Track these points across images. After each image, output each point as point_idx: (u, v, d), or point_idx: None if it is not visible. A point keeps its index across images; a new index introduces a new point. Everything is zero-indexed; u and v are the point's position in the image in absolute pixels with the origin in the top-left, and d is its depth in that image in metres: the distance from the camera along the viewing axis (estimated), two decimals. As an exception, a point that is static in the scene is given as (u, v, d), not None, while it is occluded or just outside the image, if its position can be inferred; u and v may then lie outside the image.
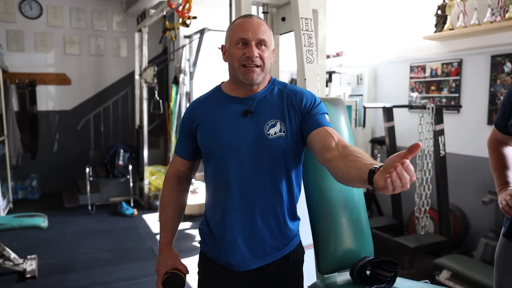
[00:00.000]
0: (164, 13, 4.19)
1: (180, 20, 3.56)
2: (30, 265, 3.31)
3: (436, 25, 3.57)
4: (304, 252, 1.54)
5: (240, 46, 1.28)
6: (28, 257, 3.45)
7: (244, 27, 1.29)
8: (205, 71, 5.40)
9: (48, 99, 5.94)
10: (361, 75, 4.67)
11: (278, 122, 1.31)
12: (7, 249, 3.24)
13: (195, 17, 3.55)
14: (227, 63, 1.36)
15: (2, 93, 5.07)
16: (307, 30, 1.87)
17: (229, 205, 1.33)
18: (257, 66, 1.28)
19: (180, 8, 3.54)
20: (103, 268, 3.38)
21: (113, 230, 4.37)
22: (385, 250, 3.10)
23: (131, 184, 5.21)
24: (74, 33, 5.94)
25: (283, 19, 2.06)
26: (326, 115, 1.33)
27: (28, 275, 3.17)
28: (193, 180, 4.57)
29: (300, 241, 1.51)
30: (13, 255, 3.26)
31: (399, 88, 4.29)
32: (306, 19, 1.88)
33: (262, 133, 1.30)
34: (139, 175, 5.46)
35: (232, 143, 1.31)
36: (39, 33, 5.72)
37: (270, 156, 1.30)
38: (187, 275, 1.41)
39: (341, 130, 1.78)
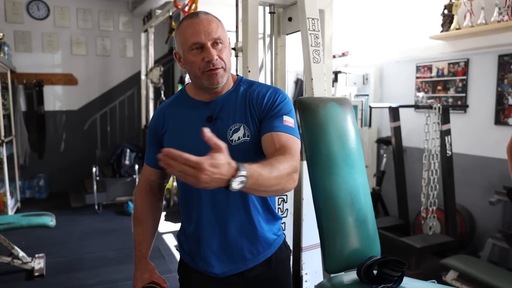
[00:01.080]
0: (170, 13, 4.21)
1: (187, 20, 3.57)
2: (38, 263, 3.35)
3: (442, 25, 3.56)
4: (290, 251, 1.49)
5: (196, 51, 1.19)
6: (36, 255, 3.48)
7: (194, 30, 1.18)
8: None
9: (55, 99, 5.98)
10: (367, 75, 4.66)
11: (242, 126, 1.24)
12: (16, 247, 3.27)
13: (201, 18, 3.56)
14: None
15: (10, 93, 5.13)
16: (313, 30, 1.88)
17: (201, 216, 1.29)
18: (219, 68, 1.20)
19: (186, 8, 3.55)
20: (109, 267, 3.40)
21: (120, 230, 4.39)
22: (391, 250, 3.10)
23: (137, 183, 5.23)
24: (81, 34, 5.98)
25: (290, 19, 2.06)
26: (285, 116, 1.24)
27: (37, 274, 3.21)
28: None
29: (284, 240, 1.45)
30: (21, 253, 3.29)
31: (405, 88, 4.27)
32: (313, 19, 1.88)
33: (226, 139, 1.21)
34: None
35: (197, 153, 1.19)
36: (46, 33, 5.77)
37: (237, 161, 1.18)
38: (166, 287, 1.35)
39: (347, 130, 1.79)
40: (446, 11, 3.54)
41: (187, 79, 5.23)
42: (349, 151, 1.75)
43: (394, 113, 3.70)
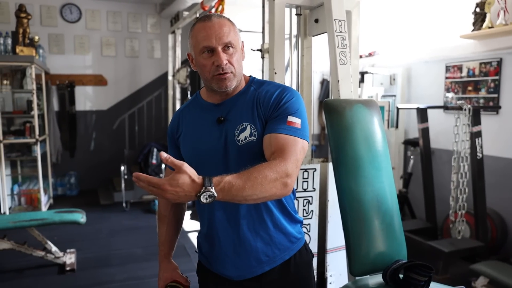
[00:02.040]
0: (197, 15, 4.27)
1: (213, 22, 3.61)
2: (69, 258, 3.47)
3: (474, 23, 3.46)
4: (312, 256, 1.47)
5: (207, 55, 1.20)
6: (68, 250, 3.60)
7: (206, 34, 1.18)
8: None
9: (86, 99, 6.17)
10: (394, 75, 4.59)
11: (248, 126, 1.23)
12: (49, 242, 3.40)
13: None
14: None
15: (44, 94, 5.32)
16: (340, 31, 1.87)
17: (214, 217, 1.29)
18: (228, 73, 1.21)
19: (213, 10, 3.60)
20: (137, 263, 3.48)
21: (147, 227, 4.49)
22: (418, 254, 3.05)
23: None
24: (111, 36, 6.14)
25: (316, 20, 2.06)
26: (289, 116, 1.21)
27: (68, 268, 3.32)
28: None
29: (305, 244, 1.43)
30: (54, 248, 3.41)
31: (434, 88, 4.18)
32: (339, 20, 1.87)
33: (233, 139, 1.23)
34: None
35: (209, 154, 1.25)
36: (78, 36, 5.96)
37: (244, 163, 1.13)
38: (188, 285, 1.38)
39: (374, 132, 1.77)
40: (478, 9, 3.45)
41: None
42: (376, 153, 1.74)
43: (422, 114, 3.63)
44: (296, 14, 2.11)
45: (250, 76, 1.36)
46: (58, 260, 3.40)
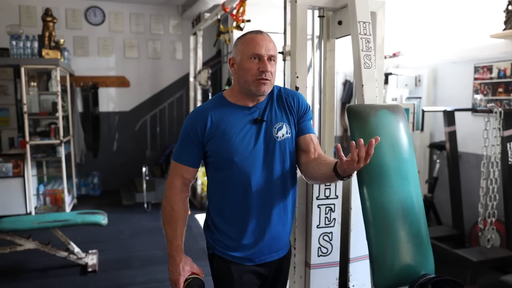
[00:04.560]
0: (219, 16, 4.25)
1: (234, 23, 3.59)
2: (91, 259, 3.50)
3: (505, 22, 3.31)
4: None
5: (254, 60, 1.39)
6: (90, 251, 3.64)
7: (257, 43, 1.39)
8: (258, 73, 5.41)
9: (109, 100, 6.25)
10: (420, 76, 4.45)
11: (284, 125, 1.48)
12: (72, 243, 3.45)
13: (249, 21, 3.56)
14: (234, 74, 1.48)
15: (68, 95, 5.42)
16: (365, 34, 1.80)
17: (250, 207, 1.45)
18: (268, 80, 1.40)
19: (234, 11, 3.57)
20: (157, 266, 3.49)
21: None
22: (444, 263, 2.93)
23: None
24: (133, 37, 6.20)
25: (340, 22, 2.00)
26: (311, 121, 1.57)
27: (90, 269, 3.36)
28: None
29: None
30: (76, 249, 3.46)
31: (461, 90, 4.03)
32: (364, 22, 1.81)
33: (272, 136, 1.45)
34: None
35: (249, 150, 1.43)
36: (102, 38, 6.04)
37: (281, 156, 1.47)
38: (202, 277, 1.47)
39: (400, 138, 1.70)
40: (510, 7, 3.30)
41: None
42: (402, 161, 1.67)
43: (449, 117, 3.51)
44: (319, 16, 2.05)
45: None
46: (81, 261, 3.44)
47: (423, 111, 3.72)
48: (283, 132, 1.47)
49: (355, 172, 1.40)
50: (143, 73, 6.32)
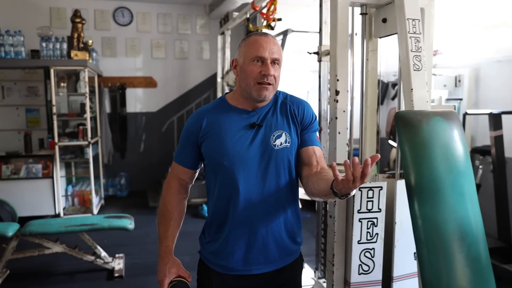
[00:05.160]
0: (248, 15, 4.13)
1: (265, 22, 3.45)
2: (118, 264, 3.45)
3: (560, 18, 3.04)
4: (303, 262, 1.56)
5: (256, 63, 1.33)
6: (116, 255, 3.59)
7: (261, 46, 1.33)
8: (287, 74, 5.25)
9: (136, 101, 6.24)
10: (460, 76, 4.20)
11: (284, 133, 1.39)
12: (98, 247, 3.40)
13: (280, 19, 3.42)
14: (237, 77, 1.40)
15: (96, 96, 5.43)
16: (414, 32, 1.63)
17: (236, 213, 1.37)
18: (270, 84, 1.33)
19: (265, 10, 3.43)
20: (184, 272, 3.40)
21: (194, 233, 4.37)
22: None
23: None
24: (161, 38, 6.16)
25: (384, 20, 1.83)
26: (317, 132, 1.46)
27: (116, 274, 3.30)
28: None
29: (301, 252, 1.53)
30: (103, 253, 3.41)
31: (507, 91, 3.76)
32: (413, 20, 1.64)
33: (269, 143, 1.37)
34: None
35: (240, 154, 1.36)
36: (130, 38, 6.03)
37: (276, 166, 1.37)
38: (190, 281, 1.42)
39: (455, 149, 1.53)
40: None
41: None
42: (458, 174, 1.50)
43: (495, 120, 3.26)
44: (361, 14, 1.89)
45: None
46: (107, 265, 3.39)
47: (465, 114, 3.48)
48: (282, 140, 1.38)
49: (402, 181, 1.26)
50: (170, 73, 6.28)
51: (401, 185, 1.83)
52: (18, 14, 5.41)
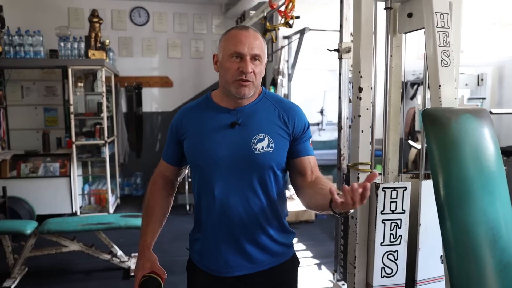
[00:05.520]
0: (265, 14, 4.09)
1: (283, 20, 3.40)
2: (134, 263, 3.44)
3: None
4: (298, 263, 1.50)
5: (234, 59, 1.27)
6: (132, 254, 3.59)
7: (239, 40, 1.27)
8: (304, 73, 5.20)
9: (152, 101, 6.26)
10: (483, 75, 4.09)
11: (267, 137, 1.31)
12: (115, 246, 3.41)
13: (298, 17, 3.37)
14: (218, 72, 1.35)
15: (113, 96, 5.46)
16: (442, 26, 1.57)
17: (212, 215, 1.33)
18: (250, 81, 1.28)
19: (283, 8, 3.38)
20: (200, 272, 3.37)
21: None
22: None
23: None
24: (177, 37, 6.17)
25: (410, 15, 1.77)
26: (310, 140, 1.40)
27: (132, 274, 3.29)
28: (289, 186, 4.41)
29: (295, 253, 1.48)
30: (119, 252, 3.41)
31: (533, 90, 3.64)
32: (441, 13, 1.57)
33: (249, 146, 1.30)
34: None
35: (216, 155, 1.30)
36: (146, 38, 6.05)
37: (256, 170, 1.31)
38: (164, 278, 1.38)
39: (486, 148, 1.46)
40: None
41: (279, 80, 5.09)
42: (489, 175, 1.42)
43: (521, 120, 3.15)
44: (386, 8, 1.83)
45: (262, 86, 1.41)
46: (123, 264, 3.39)
47: (490, 113, 3.37)
48: (264, 144, 1.30)
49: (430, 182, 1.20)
50: (186, 73, 6.28)
51: (426, 185, 1.77)
52: (37, 14, 5.48)
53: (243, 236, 1.34)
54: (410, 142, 4.18)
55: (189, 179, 5.15)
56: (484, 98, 3.96)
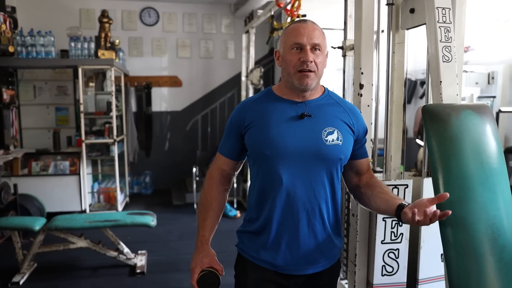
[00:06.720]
0: (272, 12, 4.09)
1: (289, 19, 3.40)
2: (140, 260, 3.47)
3: None
4: (340, 267, 1.52)
5: (295, 51, 1.29)
6: (139, 252, 3.62)
7: (298, 32, 1.29)
8: (311, 72, 5.18)
9: (161, 100, 6.30)
10: (493, 73, 4.03)
11: (336, 131, 1.32)
12: (121, 243, 3.44)
13: (304, 15, 3.36)
14: (280, 67, 1.37)
15: (123, 95, 5.51)
16: (444, 22, 1.55)
17: (277, 206, 1.32)
18: (311, 71, 1.28)
19: (289, 6, 3.38)
20: (205, 270, 3.38)
21: (216, 232, 4.38)
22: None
23: (235, 186, 5.24)
24: (186, 37, 6.21)
25: (412, 10, 1.75)
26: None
27: (138, 271, 3.32)
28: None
29: (339, 258, 1.48)
30: (126, 249, 3.44)
31: (545, 88, 3.57)
32: (443, 8, 1.55)
33: (319, 138, 1.30)
34: (242, 177, 5.47)
35: (285, 145, 1.30)
36: (156, 38, 6.10)
37: (325, 162, 1.31)
38: (222, 275, 1.38)
39: (487, 145, 1.44)
40: None
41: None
42: (490, 171, 1.40)
43: (531, 119, 3.09)
44: (387, 4, 1.82)
45: (322, 86, 1.43)
46: (130, 261, 3.42)
47: (499, 112, 3.32)
48: (334, 137, 1.31)
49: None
50: (195, 72, 6.31)
51: (427, 183, 1.75)
52: (49, 15, 5.56)
53: (306, 229, 1.33)
54: (418, 140, 4.14)
55: (197, 178, 5.17)
56: (494, 97, 3.90)
